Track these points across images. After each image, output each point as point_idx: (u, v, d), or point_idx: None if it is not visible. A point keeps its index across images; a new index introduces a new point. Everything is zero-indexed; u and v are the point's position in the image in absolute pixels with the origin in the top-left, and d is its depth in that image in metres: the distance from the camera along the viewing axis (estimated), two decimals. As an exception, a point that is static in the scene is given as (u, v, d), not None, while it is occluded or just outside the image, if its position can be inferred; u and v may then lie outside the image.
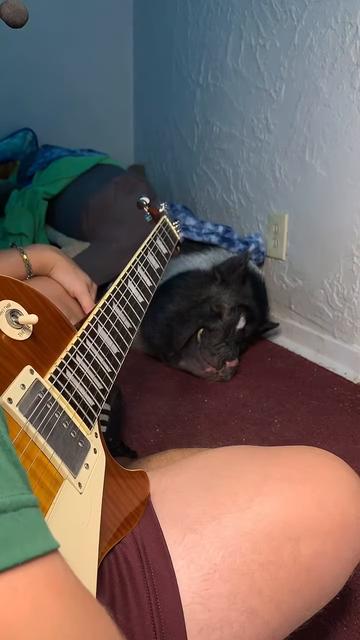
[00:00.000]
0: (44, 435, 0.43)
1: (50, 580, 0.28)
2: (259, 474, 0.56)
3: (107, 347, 0.59)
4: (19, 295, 0.48)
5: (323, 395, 1.38)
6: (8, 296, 0.47)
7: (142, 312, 0.70)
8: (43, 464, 0.42)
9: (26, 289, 0.49)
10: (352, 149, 1.38)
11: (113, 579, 0.47)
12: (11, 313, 0.46)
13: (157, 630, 0.46)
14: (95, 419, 0.52)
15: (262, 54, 1.61)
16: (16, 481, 0.30)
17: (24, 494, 0.30)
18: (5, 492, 0.29)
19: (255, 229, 1.79)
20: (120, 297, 0.66)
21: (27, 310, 0.48)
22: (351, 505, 0.55)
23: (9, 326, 0.45)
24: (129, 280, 0.70)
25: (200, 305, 1.48)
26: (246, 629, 0.49)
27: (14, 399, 0.42)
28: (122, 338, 0.62)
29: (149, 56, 2.21)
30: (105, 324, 0.60)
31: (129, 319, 0.65)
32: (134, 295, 0.69)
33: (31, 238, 1.73)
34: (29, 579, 0.27)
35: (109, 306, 0.62)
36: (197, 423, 1.27)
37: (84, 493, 0.45)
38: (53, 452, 0.43)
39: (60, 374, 0.49)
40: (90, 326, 0.57)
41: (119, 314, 0.63)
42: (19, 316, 0.46)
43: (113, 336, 0.60)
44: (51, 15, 2.07)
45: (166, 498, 0.56)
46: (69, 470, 0.44)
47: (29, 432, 0.42)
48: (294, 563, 0.52)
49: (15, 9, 0.59)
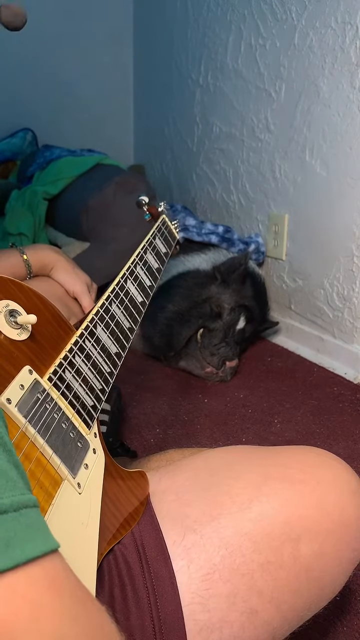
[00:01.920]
0: (43, 435, 0.43)
1: (50, 580, 0.28)
2: (259, 474, 0.56)
3: (106, 347, 0.58)
4: (17, 295, 0.48)
5: (323, 395, 1.38)
6: (7, 296, 0.47)
7: (142, 312, 0.69)
8: (42, 464, 0.42)
9: (25, 289, 0.49)
10: (352, 149, 1.38)
11: (112, 579, 0.47)
12: (10, 313, 0.46)
13: (157, 631, 0.46)
14: (95, 419, 0.52)
15: (262, 54, 1.61)
16: (17, 482, 0.30)
17: (25, 495, 0.30)
18: (6, 492, 0.29)
19: (255, 229, 1.79)
20: (120, 297, 0.66)
21: (25, 310, 0.48)
22: (351, 505, 0.55)
23: (7, 326, 0.45)
24: (128, 280, 0.70)
25: (200, 305, 1.48)
26: (246, 629, 0.49)
27: (12, 399, 0.42)
28: (122, 338, 0.62)
29: (149, 56, 2.20)
30: (105, 323, 0.60)
31: (128, 318, 0.65)
32: (133, 295, 0.69)
33: (31, 238, 1.73)
34: (28, 579, 0.27)
35: (108, 306, 0.62)
36: (197, 423, 1.26)
37: (83, 493, 0.45)
38: (52, 453, 0.43)
39: (59, 374, 0.49)
40: (89, 326, 0.57)
41: (118, 314, 0.63)
42: (17, 316, 0.46)
43: (112, 336, 0.60)
44: (51, 16, 2.07)
45: (166, 498, 0.56)
46: (68, 471, 0.44)
47: (27, 432, 0.42)
48: (293, 563, 0.51)
49: (13, 11, 0.59)
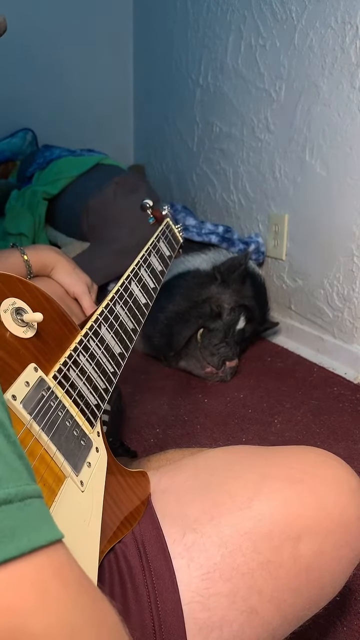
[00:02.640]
0: (47, 432, 0.43)
1: (56, 569, 0.28)
2: (259, 474, 0.56)
3: (110, 347, 0.59)
4: (24, 294, 0.48)
5: (323, 395, 1.38)
6: (13, 294, 0.47)
7: (145, 314, 0.70)
8: (46, 461, 0.42)
9: (31, 288, 0.50)
10: (352, 148, 1.38)
11: (113, 577, 0.47)
12: (16, 311, 0.46)
13: (157, 629, 0.46)
14: (98, 418, 0.52)
15: (262, 54, 1.61)
16: (21, 472, 0.30)
17: (30, 485, 0.30)
18: (11, 482, 0.29)
19: (255, 229, 1.79)
20: (124, 298, 0.66)
21: (32, 308, 0.48)
22: (351, 505, 0.56)
23: (14, 324, 0.46)
24: (132, 282, 0.70)
25: (200, 306, 1.48)
26: (246, 629, 0.49)
27: (18, 396, 0.42)
28: (125, 338, 0.62)
29: (149, 56, 2.21)
30: (109, 324, 0.60)
31: (132, 319, 0.66)
32: (137, 297, 0.69)
33: (31, 238, 1.73)
34: (35, 567, 0.27)
35: (112, 307, 0.63)
36: (197, 423, 1.27)
37: (86, 491, 0.45)
38: (56, 450, 0.43)
39: (64, 372, 0.49)
40: (93, 326, 0.57)
41: (122, 315, 0.64)
42: (24, 314, 0.47)
43: (116, 336, 0.61)
44: (51, 15, 2.07)
45: (166, 498, 0.56)
46: (71, 468, 0.44)
47: (32, 429, 0.42)
48: (293, 562, 0.52)
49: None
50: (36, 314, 0.47)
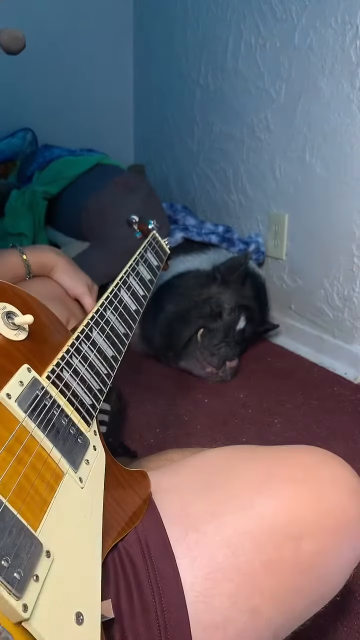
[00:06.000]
0: (43, 430, 0.44)
1: None
2: (260, 474, 0.56)
3: (102, 350, 0.59)
4: (13, 298, 0.50)
5: (323, 395, 1.38)
6: (3, 299, 0.49)
7: (136, 319, 0.71)
8: (42, 457, 0.42)
9: (19, 292, 0.51)
10: (352, 149, 1.38)
11: (117, 575, 0.47)
12: (7, 315, 0.48)
13: (162, 629, 0.46)
14: (94, 417, 0.53)
15: (262, 53, 1.61)
16: None
17: None
18: None
19: (255, 229, 1.79)
20: (114, 304, 0.67)
21: (22, 312, 0.49)
22: (351, 505, 0.55)
23: (5, 327, 0.47)
24: (121, 289, 0.71)
25: (200, 306, 1.48)
26: (249, 628, 0.49)
27: (12, 394, 0.43)
28: (117, 342, 0.63)
29: (149, 56, 2.21)
30: (100, 328, 0.61)
31: (123, 324, 0.67)
32: (127, 303, 0.70)
33: (31, 238, 1.73)
34: None
35: (103, 312, 0.64)
36: (197, 423, 1.27)
37: (85, 487, 0.45)
38: (52, 447, 0.43)
39: (57, 372, 0.50)
40: (85, 329, 0.58)
41: (113, 320, 0.65)
42: (14, 317, 0.48)
43: (108, 340, 0.61)
44: (51, 15, 2.07)
45: (166, 498, 0.56)
46: (69, 465, 0.44)
47: (27, 426, 0.42)
48: (295, 562, 0.51)
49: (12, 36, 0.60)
50: (27, 316, 0.48)
